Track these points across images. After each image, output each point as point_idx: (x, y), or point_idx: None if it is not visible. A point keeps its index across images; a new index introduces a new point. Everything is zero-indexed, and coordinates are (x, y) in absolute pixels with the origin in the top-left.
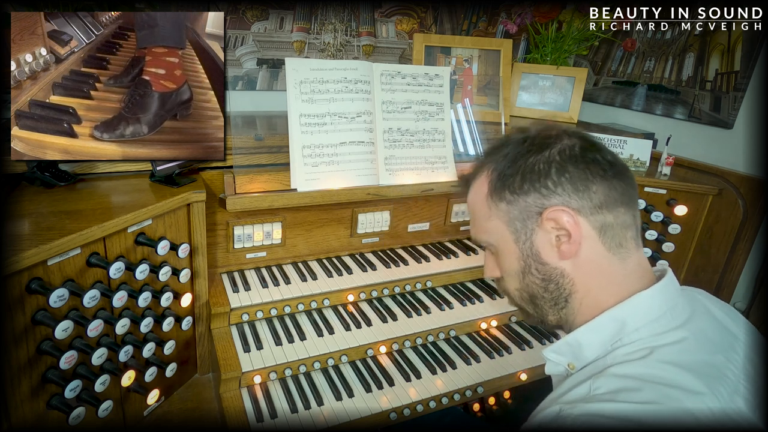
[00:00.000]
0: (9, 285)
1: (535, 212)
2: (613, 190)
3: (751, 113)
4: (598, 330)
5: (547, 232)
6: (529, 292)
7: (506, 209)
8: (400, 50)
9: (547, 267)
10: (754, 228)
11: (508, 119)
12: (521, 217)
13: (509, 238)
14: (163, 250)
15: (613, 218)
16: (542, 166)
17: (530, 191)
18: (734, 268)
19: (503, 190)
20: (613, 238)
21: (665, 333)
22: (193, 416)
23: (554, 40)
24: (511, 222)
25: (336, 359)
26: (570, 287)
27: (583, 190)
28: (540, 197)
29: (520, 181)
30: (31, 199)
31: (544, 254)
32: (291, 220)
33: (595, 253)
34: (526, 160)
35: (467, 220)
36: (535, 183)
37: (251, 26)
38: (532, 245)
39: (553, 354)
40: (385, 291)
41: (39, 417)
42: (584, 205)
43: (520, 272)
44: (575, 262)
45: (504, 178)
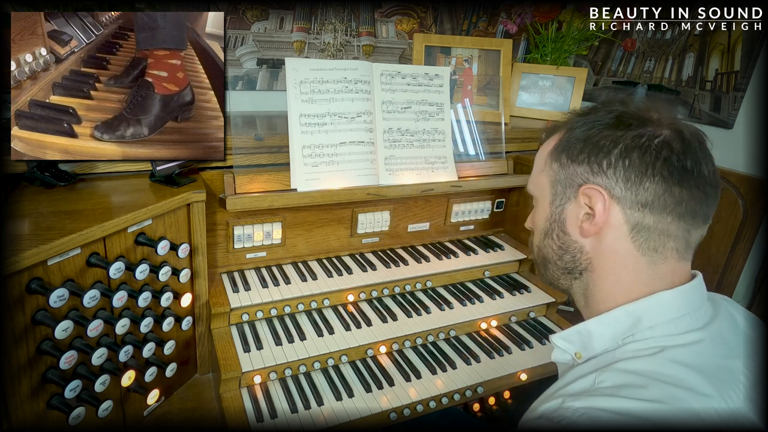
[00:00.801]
0: (9, 285)
1: (577, 183)
2: (669, 196)
3: (751, 113)
4: (611, 323)
5: (579, 206)
6: (544, 254)
7: (557, 170)
8: (400, 50)
9: (567, 237)
10: (754, 228)
11: (508, 119)
12: (565, 182)
13: (547, 198)
14: (163, 250)
15: (653, 222)
16: (609, 144)
17: (584, 162)
18: (734, 268)
19: (562, 153)
20: (648, 240)
21: (681, 334)
22: (193, 416)
23: (554, 40)
24: (555, 183)
25: (336, 359)
26: (586, 264)
27: (634, 182)
28: (589, 172)
29: (580, 150)
30: (31, 199)
31: (569, 224)
32: (291, 220)
33: (620, 246)
34: (600, 132)
35: (467, 220)
36: (592, 157)
37: (251, 26)
38: (563, 212)
39: (561, 341)
40: (385, 291)
41: (39, 417)
42: (627, 197)
43: (543, 232)
44: (597, 245)
45: (570, 143)
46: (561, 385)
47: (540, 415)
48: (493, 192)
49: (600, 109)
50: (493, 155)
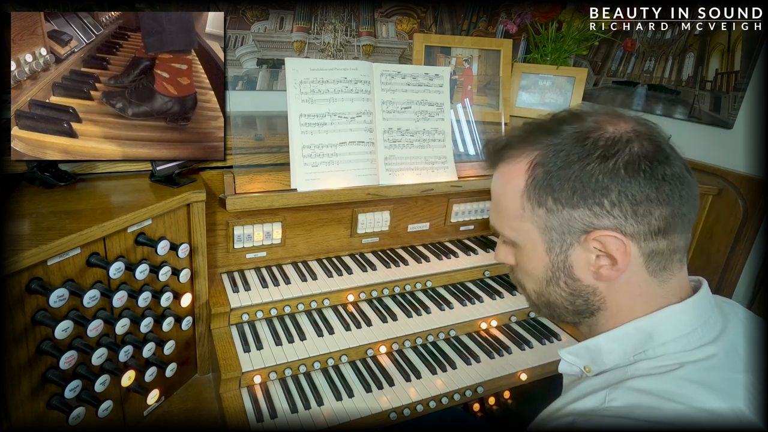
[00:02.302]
0: (9, 285)
1: (579, 229)
2: (677, 217)
3: (751, 113)
4: (621, 339)
5: (588, 251)
6: (550, 300)
7: (544, 216)
8: (400, 50)
9: (578, 283)
10: (754, 228)
11: (508, 119)
12: (561, 229)
13: (540, 246)
14: (163, 250)
15: (666, 245)
16: (603, 180)
17: (579, 205)
18: (734, 268)
19: (546, 196)
20: (659, 263)
21: (694, 350)
22: (193, 416)
23: (554, 40)
24: (546, 231)
25: (336, 359)
26: (600, 304)
27: (644, 215)
28: (590, 215)
29: (570, 192)
30: (31, 199)
31: (578, 271)
32: (291, 220)
33: (635, 277)
34: (584, 167)
35: (467, 220)
36: (589, 199)
37: (251, 26)
38: (566, 259)
39: (569, 356)
40: (385, 291)
41: (39, 417)
42: (640, 231)
43: (544, 280)
44: (612, 284)
45: (550, 183)
46: (570, 400)
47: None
48: None
49: (560, 130)
50: None
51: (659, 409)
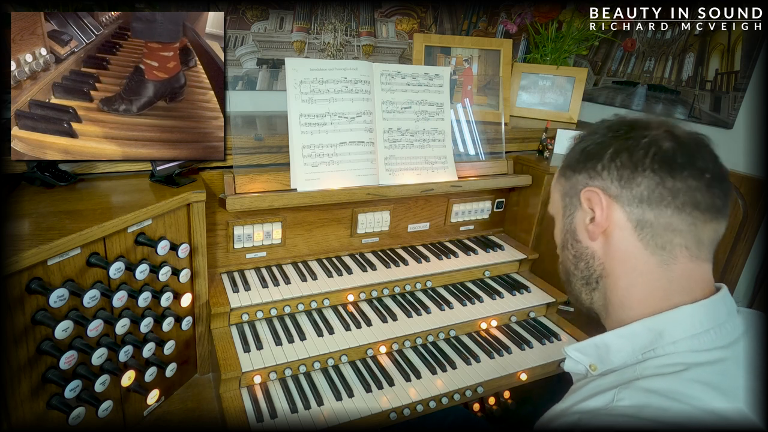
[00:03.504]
0: (9, 285)
1: (579, 190)
2: (663, 189)
3: (751, 113)
4: (630, 337)
5: (584, 211)
6: (566, 267)
7: (564, 183)
8: (400, 50)
9: (579, 245)
10: (754, 228)
11: (508, 119)
12: (570, 192)
13: (560, 212)
14: (163, 250)
15: (654, 217)
16: (601, 150)
17: (582, 170)
18: (734, 268)
19: (567, 167)
20: (654, 237)
21: (705, 351)
22: (193, 416)
23: (554, 40)
24: (564, 196)
25: (336, 359)
26: (600, 270)
27: (627, 179)
28: (587, 177)
29: (578, 160)
30: (31, 199)
31: (579, 232)
32: (291, 220)
33: (628, 244)
34: (594, 142)
35: (467, 220)
36: (588, 163)
37: (251, 26)
38: (572, 222)
39: (576, 353)
40: (385, 291)
41: (39, 417)
42: (623, 194)
43: (560, 246)
44: (607, 248)
45: (571, 156)
46: (578, 400)
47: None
48: (493, 192)
49: (599, 130)
50: (493, 155)
51: (667, 409)
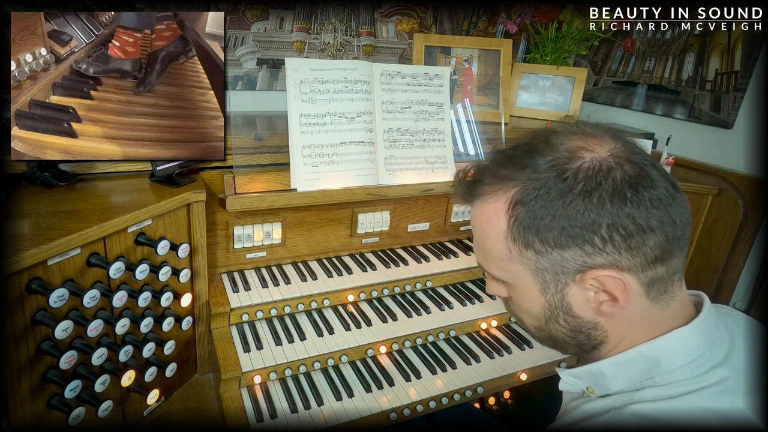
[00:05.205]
0: (9, 285)
1: (573, 269)
2: (672, 241)
3: (751, 113)
4: (625, 365)
5: (585, 289)
6: (551, 336)
7: (534, 258)
8: (400, 50)
9: (578, 320)
10: (754, 228)
11: (508, 119)
12: (553, 270)
13: (533, 287)
14: (163, 250)
15: (665, 270)
16: (590, 216)
17: (569, 246)
18: (734, 268)
19: (532, 238)
20: (660, 288)
21: (704, 374)
22: (193, 416)
23: (554, 40)
24: (538, 272)
25: (336, 359)
26: (602, 338)
27: (638, 246)
28: (582, 254)
29: (557, 232)
30: (31, 199)
31: (577, 308)
32: (291, 220)
33: (637, 306)
34: (568, 204)
35: (467, 220)
36: (578, 238)
37: (251, 26)
38: (563, 298)
39: (571, 378)
40: (385, 291)
41: (39, 417)
42: (636, 263)
43: (542, 318)
44: (612, 318)
45: (535, 223)
46: (572, 421)
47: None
48: None
49: (533, 162)
50: None
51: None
